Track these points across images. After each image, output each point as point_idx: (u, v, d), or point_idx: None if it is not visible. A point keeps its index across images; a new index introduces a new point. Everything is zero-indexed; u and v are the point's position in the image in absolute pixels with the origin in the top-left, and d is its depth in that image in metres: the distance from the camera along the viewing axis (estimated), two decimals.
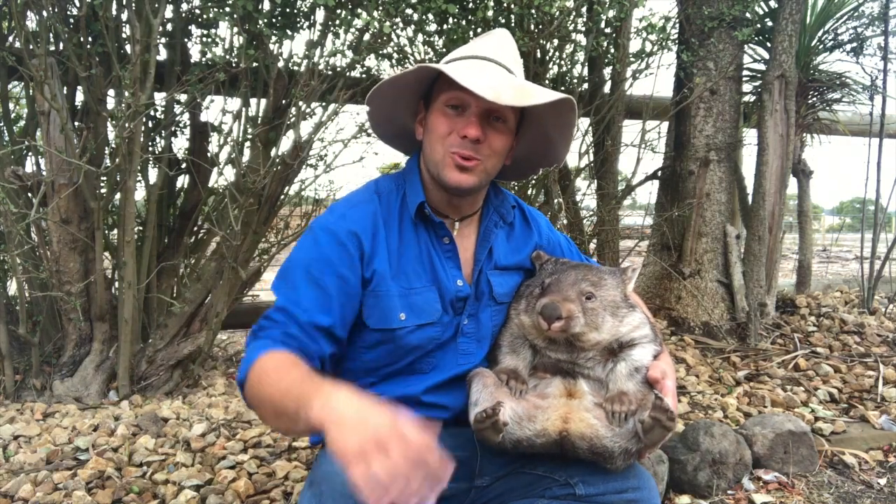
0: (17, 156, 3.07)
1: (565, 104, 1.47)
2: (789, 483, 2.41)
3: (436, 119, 1.48)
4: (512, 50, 1.58)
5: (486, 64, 1.49)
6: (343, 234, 1.45)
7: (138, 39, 2.67)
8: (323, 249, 1.44)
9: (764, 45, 4.41)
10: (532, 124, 1.60)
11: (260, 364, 1.29)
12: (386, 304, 1.48)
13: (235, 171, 3.06)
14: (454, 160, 1.45)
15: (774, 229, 4.05)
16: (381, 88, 1.50)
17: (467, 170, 1.46)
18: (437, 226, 1.55)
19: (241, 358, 1.42)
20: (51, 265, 2.89)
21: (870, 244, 4.61)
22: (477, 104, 1.42)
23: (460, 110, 1.46)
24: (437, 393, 1.56)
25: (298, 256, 1.47)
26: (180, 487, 2.15)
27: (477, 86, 1.35)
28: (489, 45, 1.55)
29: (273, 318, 1.41)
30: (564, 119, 1.54)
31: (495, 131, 1.48)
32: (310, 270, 1.43)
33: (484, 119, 1.45)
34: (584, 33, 3.54)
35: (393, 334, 1.50)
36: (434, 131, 1.48)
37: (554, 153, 1.67)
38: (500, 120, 1.48)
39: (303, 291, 1.41)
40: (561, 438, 1.41)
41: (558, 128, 1.58)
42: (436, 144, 1.48)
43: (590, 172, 4.07)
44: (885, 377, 3.26)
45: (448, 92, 1.45)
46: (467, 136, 1.43)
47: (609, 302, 1.47)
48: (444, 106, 1.47)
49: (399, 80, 1.49)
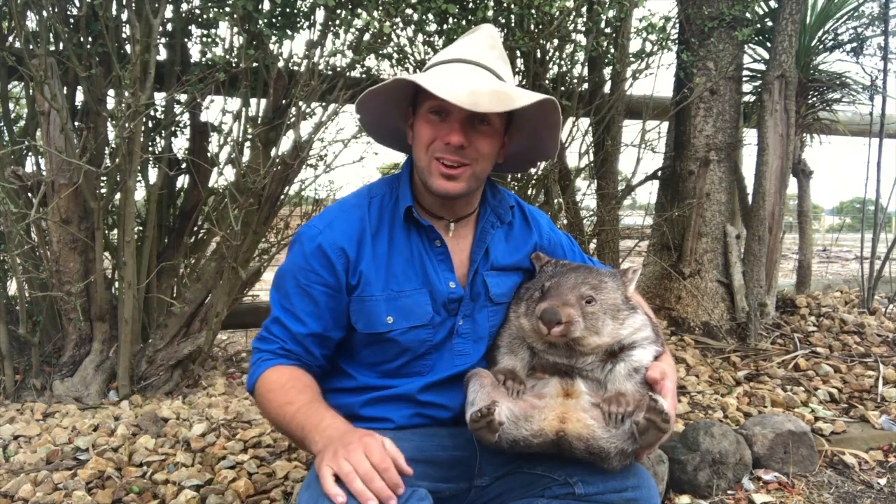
0: (17, 156, 3.07)
1: (547, 104, 1.48)
2: (789, 483, 2.41)
3: (420, 126, 1.50)
4: (494, 47, 1.57)
5: (466, 67, 1.50)
6: (327, 245, 1.50)
7: (138, 39, 2.67)
8: (308, 260, 1.51)
9: (764, 45, 4.41)
10: (521, 123, 1.60)
11: (265, 380, 1.48)
12: (371, 309, 1.51)
13: (235, 171, 3.06)
14: (439, 168, 1.47)
15: (774, 229, 4.05)
16: (363, 100, 1.52)
17: (454, 178, 1.48)
18: (427, 229, 1.56)
19: (249, 362, 1.57)
20: (51, 265, 2.89)
21: (870, 244, 4.61)
22: (458, 110, 1.43)
23: (443, 116, 1.47)
24: (434, 392, 1.57)
25: (288, 265, 1.55)
26: (180, 487, 2.15)
27: (453, 95, 1.36)
28: (471, 45, 1.55)
29: (272, 332, 1.53)
30: (550, 118, 1.55)
31: (480, 135, 1.49)
32: (298, 279, 1.52)
33: (468, 124, 1.46)
34: (584, 33, 3.53)
35: (381, 337, 1.53)
36: (420, 138, 1.50)
37: (545, 149, 1.68)
38: (484, 123, 1.48)
39: (295, 300, 1.51)
40: (558, 438, 1.41)
41: (546, 126, 1.59)
42: (420, 152, 1.50)
43: (590, 172, 4.07)
44: (885, 377, 3.26)
45: (430, 99, 1.45)
46: (451, 142, 1.45)
47: (609, 305, 1.47)
48: (428, 113, 1.48)
49: (379, 92, 1.50)
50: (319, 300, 1.50)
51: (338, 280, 1.50)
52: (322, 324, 1.51)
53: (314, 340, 1.52)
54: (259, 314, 4.24)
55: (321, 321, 1.51)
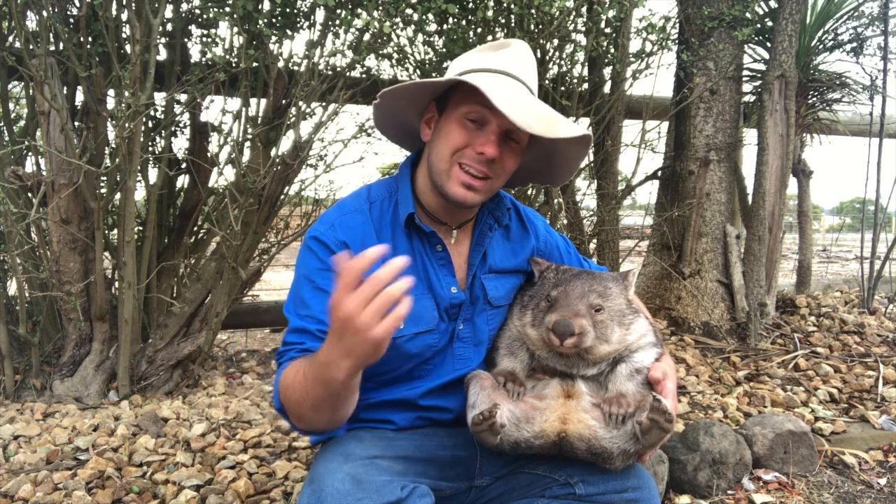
0: (17, 156, 3.07)
1: (582, 138, 1.47)
2: (789, 483, 2.41)
3: (452, 128, 1.46)
4: (532, 65, 1.56)
5: (511, 82, 1.47)
6: (333, 243, 1.47)
7: (138, 39, 2.67)
8: (321, 260, 1.47)
9: (764, 45, 4.41)
10: (540, 147, 1.59)
11: (282, 382, 1.35)
12: None
13: (235, 171, 3.06)
14: (460, 176, 1.44)
15: (774, 229, 4.05)
16: (398, 89, 1.47)
17: (474, 189, 1.45)
18: (429, 234, 1.55)
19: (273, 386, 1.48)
20: (51, 265, 2.89)
21: (870, 244, 4.61)
22: (499, 122, 1.41)
23: (479, 125, 1.44)
24: (436, 397, 1.57)
25: (300, 272, 1.50)
26: (180, 487, 2.15)
27: (509, 110, 1.32)
28: (512, 59, 1.52)
29: (290, 341, 1.44)
30: (576, 151, 1.54)
31: (510, 151, 1.48)
32: (314, 281, 1.46)
33: (501, 138, 1.44)
34: (584, 33, 3.54)
35: (392, 343, 1.50)
36: (447, 140, 1.46)
37: (551, 176, 1.68)
38: (514, 140, 1.47)
39: (313, 303, 1.43)
40: (559, 439, 1.41)
41: (566, 157, 1.58)
42: (444, 153, 1.46)
43: (590, 172, 4.07)
44: (885, 377, 3.26)
45: (469, 105, 1.42)
46: (484, 153, 1.42)
47: (616, 312, 1.46)
48: (464, 118, 1.45)
49: (427, 86, 1.47)
50: None
51: None
52: None
53: None
54: (259, 314, 4.24)
55: None
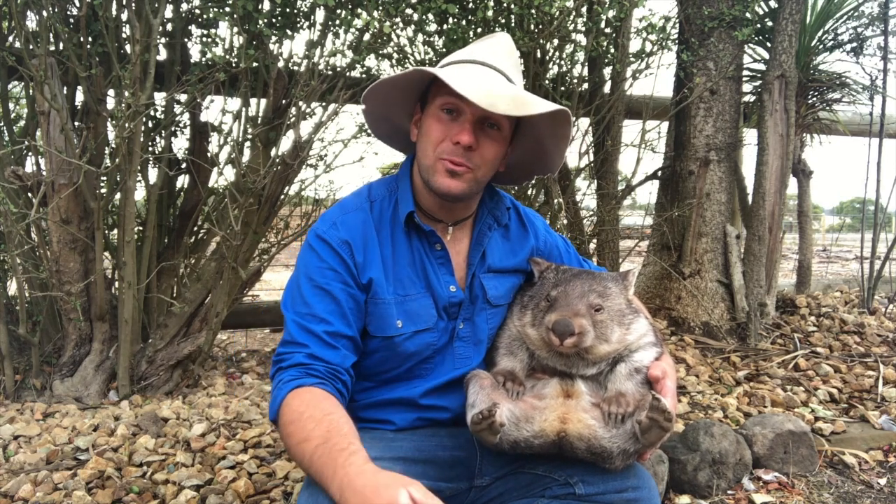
0: (17, 156, 3.07)
1: (560, 115, 1.47)
2: (789, 483, 2.41)
3: (430, 123, 1.48)
4: (511, 55, 1.57)
5: (483, 70, 1.48)
6: (335, 242, 1.48)
7: (138, 39, 2.67)
8: (323, 259, 1.47)
9: (764, 45, 4.41)
10: (527, 132, 1.59)
11: (285, 409, 1.32)
12: (384, 312, 1.50)
13: (235, 171, 3.06)
14: (444, 165, 1.45)
15: (774, 229, 4.05)
16: (375, 89, 1.49)
17: (457, 175, 1.45)
18: (428, 233, 1.55)
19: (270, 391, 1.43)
20: (51, 265, 2.89)
21: (870, 244, 4.61)
22: (472, 110, 1.42)
23: (455, 115, 1.45)
24: (435, 396, 1.57)
25: (301, 270, 1.49)
26: (180, 487, 2.15)
27: (472, 93, 1.34)
28: (489, 49, 1.54)
29: (292, 343, 1.42)
30: (560, 130, 1.53)
31: (489, 139, 1.47)
32: (315, 279, 1.46)
33: (478, 126, 1.45)
34: (584, 33, 3.53)
35: (391, 341, 1.51)
36: (427, 136, 1.48)
37: (548, 162, 1.66)
38: (494, 127, 1.47)
39: (314, 302, 1.44)
40: (559, 439, 1.41)
41: (553, 138, 1.57)
42: (427, 149, 1.48)
43: (590, 172, 4.07)
44: (885, 377, 3.26)
45: (444, 96, 1.44)
46: (459, 142, 1.43)
47: (616, 311, 1.47)
48: (439, 110, 1.46)
49: (396, 81, 1.49)
50: (340, 297, 1.44)
51: (353, 277, 1.47)
52: (344, 322, 1.44)
53: (337, 338, 1.43)
54: (259, 314, 4.24)
55: (344, 319, 1.44)
